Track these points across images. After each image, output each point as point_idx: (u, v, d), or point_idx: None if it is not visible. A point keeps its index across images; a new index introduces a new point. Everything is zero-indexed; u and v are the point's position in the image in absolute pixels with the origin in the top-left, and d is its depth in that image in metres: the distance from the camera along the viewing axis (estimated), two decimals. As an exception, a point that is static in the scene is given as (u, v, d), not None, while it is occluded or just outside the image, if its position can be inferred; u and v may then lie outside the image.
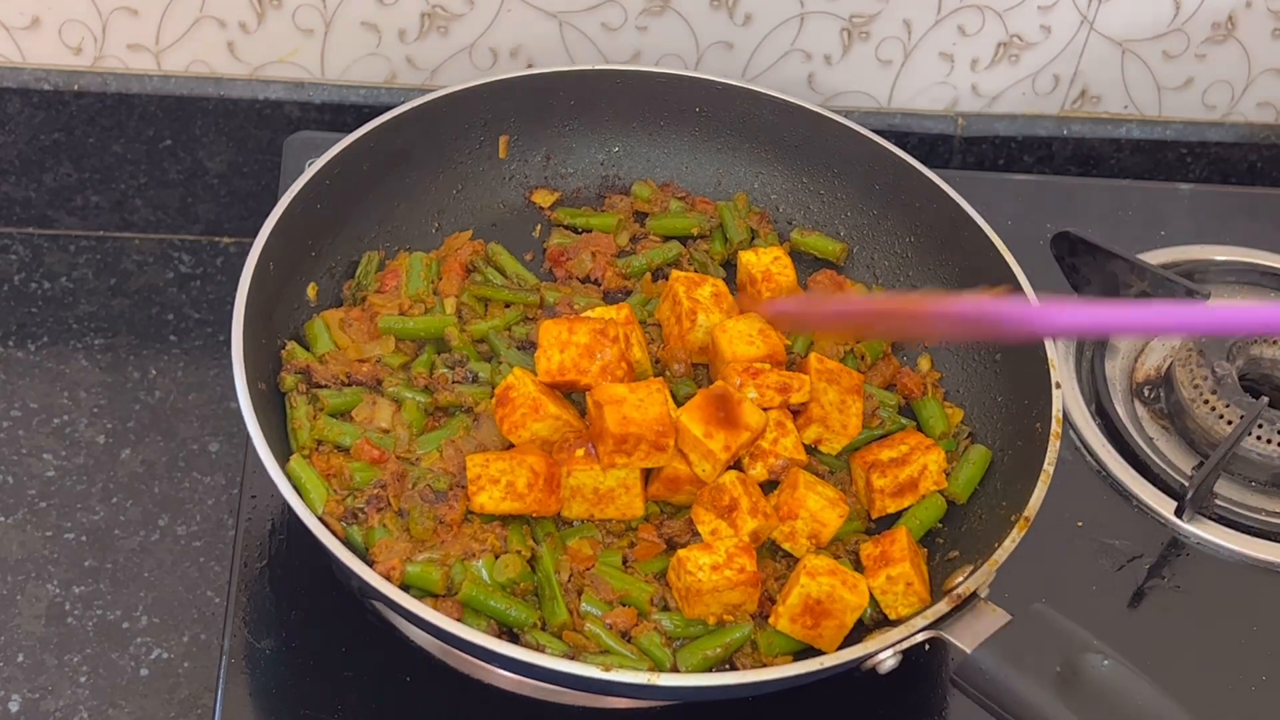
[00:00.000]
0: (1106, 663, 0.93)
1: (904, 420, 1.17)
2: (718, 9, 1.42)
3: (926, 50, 1.47)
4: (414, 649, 1.04)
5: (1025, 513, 1.02)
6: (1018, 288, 1.14)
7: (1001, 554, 1.00)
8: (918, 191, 1.24)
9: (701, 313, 1.17)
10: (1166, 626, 1.16)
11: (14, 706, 1.16)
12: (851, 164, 1.28)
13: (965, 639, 0.96)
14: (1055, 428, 1.07)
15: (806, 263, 1.29)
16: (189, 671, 1.20)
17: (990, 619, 0.97)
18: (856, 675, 0.98)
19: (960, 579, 0.99)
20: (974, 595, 0.98)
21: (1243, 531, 1.22)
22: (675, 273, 1.21)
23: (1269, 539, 1.22)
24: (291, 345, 1.14)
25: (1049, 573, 1.15)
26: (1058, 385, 1.09)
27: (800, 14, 1.43)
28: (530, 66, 1.44)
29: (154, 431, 1.34)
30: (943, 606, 0.97)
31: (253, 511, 1.12)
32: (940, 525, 1.12)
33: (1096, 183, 1.52)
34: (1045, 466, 1.05)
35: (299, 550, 0.97)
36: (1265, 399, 1.26)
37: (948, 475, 1.12)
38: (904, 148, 1.50)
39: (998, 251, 1.17)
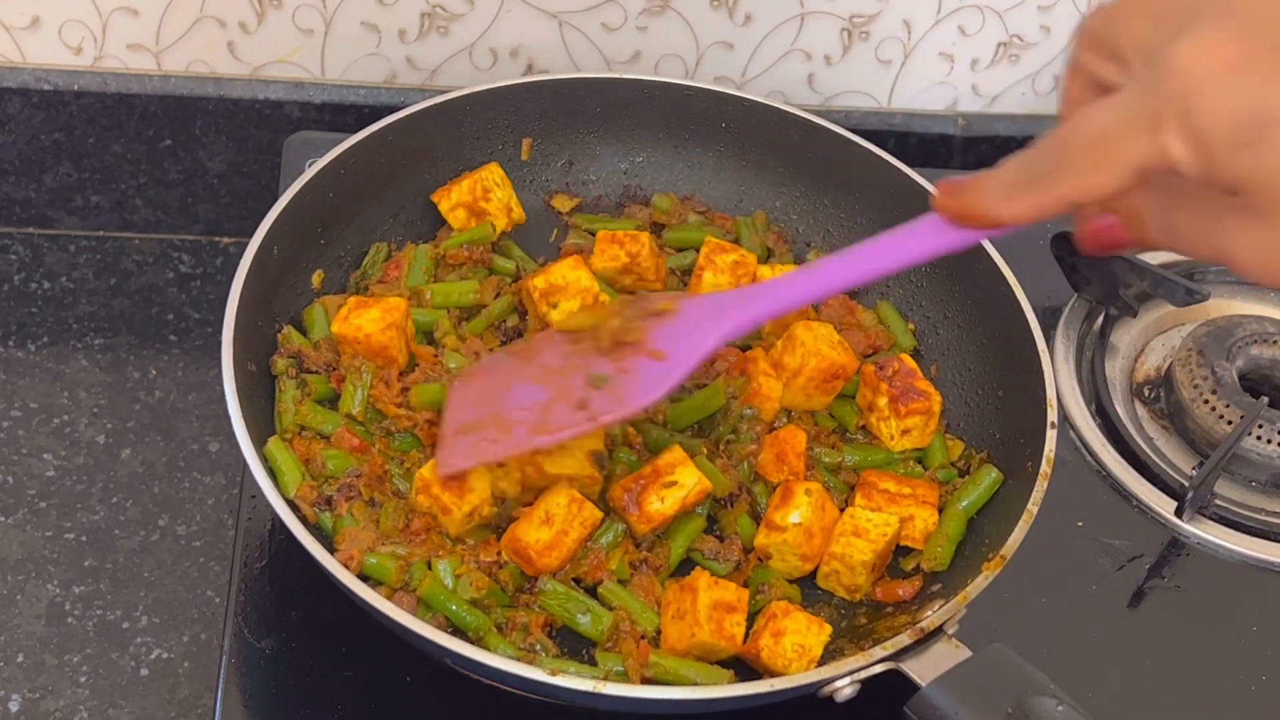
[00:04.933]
0: (1060, 708, 0.92)
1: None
2: (718, 9, 1.42)
3: (926, 50, 1.47)
4: (414, 649, 1.04)
5: (1002, 551, 1.02)
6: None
7: (972, 590, 1.00)
8: None
9: (710, 271, 1.19)
10: (1166, 626, 1.16)
11: (14, 706, 1.16)
12: (874, 189, 1.27)
13: (922, 672, 0.96)
14: (1045, 468, 1.06)
15: None
16: (189, 671, 1.20)
17: (949, 654, 0.97)
18: (813, 702, 0.97)
19: (929, 613, 0.99)
20: (939, 629, 0.98)
21: (1243, 531, 1.22)
22: (709, 238, 1.23)
23: (1269, 539, 1.22)
24: (288, 329, 1.14)
25: (1049, 572, 1.15)
26: (1053, 425, 1.08)
27: (800, 14, 1.43)
28: (530, 67, 1.44)
29: (154, 431, 1.35)
30: (904, 639, 0.97)
31: (253, 511, 1.12)
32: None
33: (1096, 183, 1.52)
34: (1030, 506, 1.04)
35: (299, 550, 0.97)
36: (1265, 399, 1.26)
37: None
38: (904, 148, 1.51)
39: (1008, 284, 1.17)
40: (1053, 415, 1.09)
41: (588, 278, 1.18)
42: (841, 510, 1.10)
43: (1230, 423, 1.25)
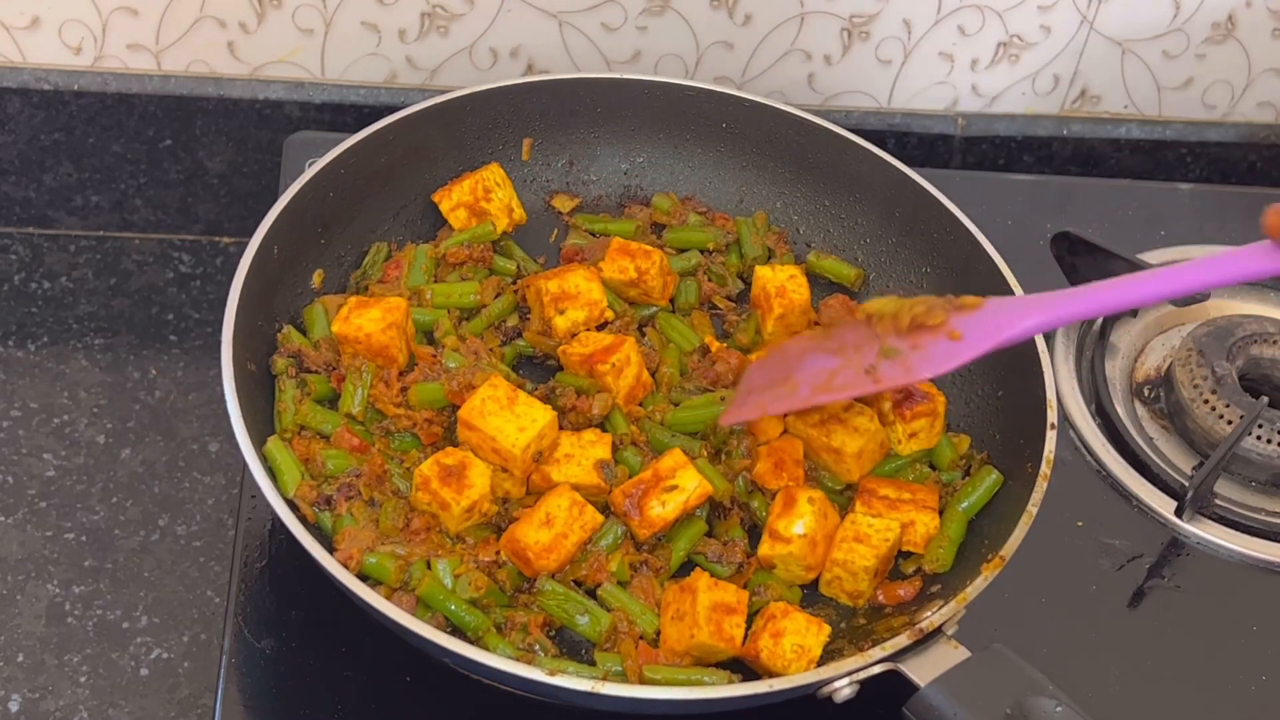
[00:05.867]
0: (1059, 708, 0.93)
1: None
2: (718, 9, 1.42)
3: (926, 50, 1.47)
4: (414, 649, 1.04)
5: (1001, 552, 1.02)
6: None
7: (972, 591, 1.00)
8: (937, 221, 1.23)
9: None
10: (1166, 626, 1.16)
11: (14, 706, 1.16)
12: (874, 189, 1.28)
13: (920, 673, 0.96)
14: (1045, 469, 1.06)
15: (822, 286, 1.28)
16: (189, 671, 1.20)
17: (949, 655, 0.97)
18: (813, 703, 0.97)
19: (929, 613, 0.99)
20: (939, 630, 0.98)
21: (1243, 531, 1.22)
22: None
23: (1269, 539, 1.22)
24: (288, 329, 1.14)
25: (1050, 572, 1.15)
26: (1053, 426, 1.08)
27: (800, 14, 1.43)
28: (530, 67, 1.44)
29: (154, 431, 1.34)
30: (903, 639, 0.97)
31: (253, 511, 1.12)
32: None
33: (1096, 183, 1.52)
34: (1029, 507, 1.04)
35: (299, 550, 0.97)
36: (1265, 399, 1.26)
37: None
38: (904, 148, 1.51)
39: (1009, 288, 1.17)
40: (1053, 416, 1.09)
41: (599, 291, 1.19)
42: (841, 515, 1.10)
43: (1230, 423, 1.25)
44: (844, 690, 0.96)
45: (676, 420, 1.14)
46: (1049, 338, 1.30)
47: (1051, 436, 1.08)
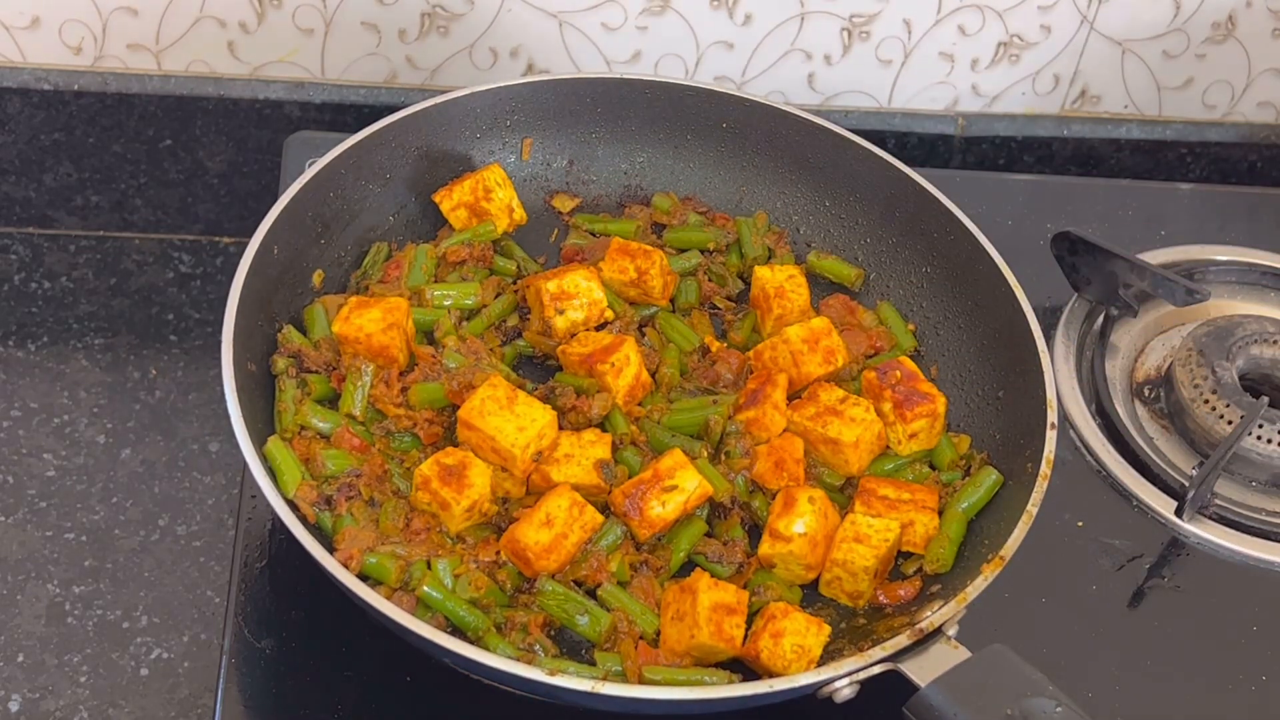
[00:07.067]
0: (1059, 709, 0.93)
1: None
2: (718, 9, 1.42)
3: (926, 50, 1.47)
4: (414, 649, 1.04)
5: (1001, 552, 1.02)
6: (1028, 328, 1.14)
7: (972, 591, 1.00)
8: (937, 221, 1.23)
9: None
10: (1166, 626, 1.16)
11: (14, 706, 1.16)
12: (874, 189, 1.28)
13: (920, 673, 0.96)
14: (1045, 469, 1.06)
15: (822, 285, 1.28)
16: (189, 671, 1.20)
17: (949, 655, 0.97)
18: (813, 703, 0.97)
19: (929, 613, 0.99)
20: (939, 630, 0.98)
21: (1243, 531, 1.22)
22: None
23: (1269, 539, 1.22)
24: (287, 329, 1.14)
25: (1050, 572, 1.15)
26: (1053, 426, 1.08)
27: (800, 14, 1.43)
28: (530, 67, 1.44)
29: (154, 431, 1.35)
30: (903, 639, 0.97)
31: (253, 511, 1.12)
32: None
33: (1096, 183, 1.52)
34: (1029, 507, 1.04)
35: (299, 550, 0.97)
36: (1265, 399, 1.26)
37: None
38: (904, 148, 1.52)
39: (1009, 288, 1.17)
40: (1053, 416, 1.09)
41: (599, 290, 1.19)
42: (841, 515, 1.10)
43: (1230, 423, 1.25)
44: (844, 690, 0.96)
45: (669, 423, 1.14)
46: (1048, 336, 1.30)
47: (1051, 436, 1.08)
